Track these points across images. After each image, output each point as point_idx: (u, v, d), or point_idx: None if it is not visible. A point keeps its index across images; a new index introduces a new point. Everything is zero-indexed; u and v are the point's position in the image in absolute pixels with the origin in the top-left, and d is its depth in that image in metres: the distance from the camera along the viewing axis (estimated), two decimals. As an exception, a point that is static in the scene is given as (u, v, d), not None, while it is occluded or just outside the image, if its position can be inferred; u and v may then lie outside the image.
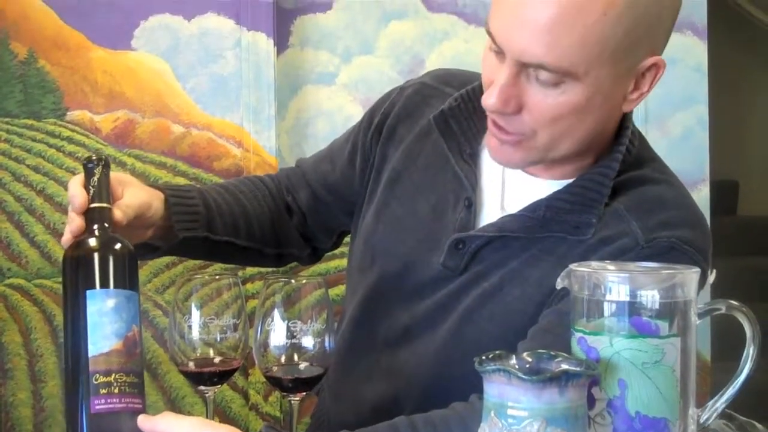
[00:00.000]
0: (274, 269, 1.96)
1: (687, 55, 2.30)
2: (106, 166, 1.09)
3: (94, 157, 1.09)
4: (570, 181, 1.21)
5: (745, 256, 3.74)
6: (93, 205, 1.07)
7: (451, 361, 1.23)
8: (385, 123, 1.36)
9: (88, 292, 1.00)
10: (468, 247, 1.22)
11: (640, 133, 1.28)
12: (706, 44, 2.30)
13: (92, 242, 1.04)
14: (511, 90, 1.10)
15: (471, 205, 1.24)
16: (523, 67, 1.09)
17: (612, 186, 1.19)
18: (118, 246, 1.04)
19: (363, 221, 1.37)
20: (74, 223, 1.07)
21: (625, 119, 1.22)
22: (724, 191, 3.87)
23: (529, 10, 1.06)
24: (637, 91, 1.14)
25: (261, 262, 1.47)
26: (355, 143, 1.40)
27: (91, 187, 1.08)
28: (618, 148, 1.20)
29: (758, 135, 4.40)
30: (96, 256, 1.03)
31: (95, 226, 1.06)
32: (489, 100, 1.11)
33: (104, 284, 1.01)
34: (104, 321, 1.00)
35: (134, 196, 1.16)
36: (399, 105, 1.36)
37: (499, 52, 1.11)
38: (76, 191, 1.08)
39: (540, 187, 1.22)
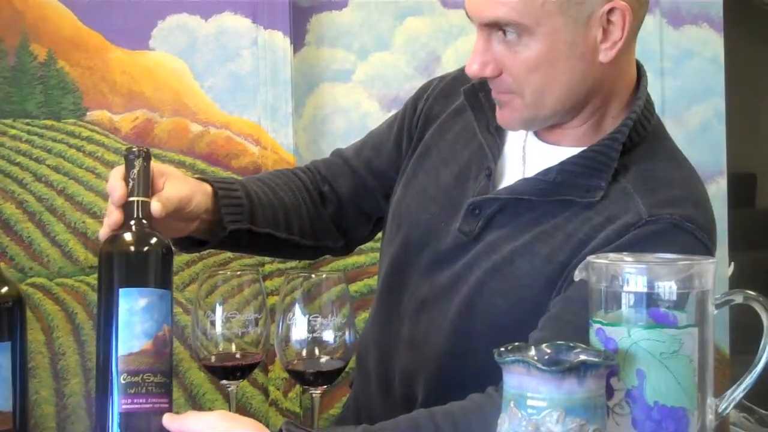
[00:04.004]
0: (294, 265, 1.98)
1: (703, 47, 2.30)
2: (147, 159, 1.08)
3: (135, 149, 1.08)
4: (584, 148, 1.25)
5: (764, 248, 3.72)
6: (131, 199, 1.06)
7: (463, 333, 1.26)
8: (425, 107, 1.43)
9: (121, 290, 1.00)
10: (484, 212, 1.27)
11: (658, 116, 1.32)
12: (722, 37, 2.29)
13: (128, 238, 1.04)
14: (487, 55, 1.20)
15: (491, 174, 1.29)
16: (489, 32, 1.19)
17: (624, 162, 1.23)
18: (153, 242, 1.04)
19: (394, 195, 1.42)
20: (112, 216, 1.07)
21: (639, 90, 1.27)
22: (742, 184, 3.85)
23: None
24: (609, 40, 1.19)
25: (297, 254, 1.52)
26: (401, 128, 1.45)
27: (130, 180, 1.07)
28: (630, 115, 1.24)
29: (776, 127, 4.38)
30: (130, 253, 1.03)
31: (132, 221, 1.06)
32: (471, 67, 1.22)
33: (137, 282, 1.01)
34: (135, 320, 1.00)
35: (175, 189, 1.16)
36: (438, 89, 1.44)
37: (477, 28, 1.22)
38: (115, 184, 1.09)
39: (558, 154, 1.26)
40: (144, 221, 1.06)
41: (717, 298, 0.92)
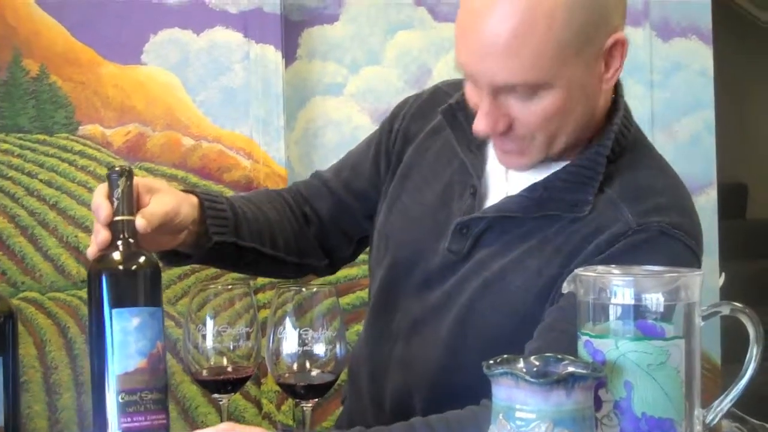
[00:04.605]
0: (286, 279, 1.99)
1: (693, 59, 2.31)
2: (130, 177, 1.09)
3: (117, 168, 1.09)
4: (568, 162, 1.25)
5: (755, 259, 3.74)
6: (117, 218, 1.07)
7: (457, 351, 1.26)
8: (402, 126, 1.42)
9: (114, 311, 1.02)
10: (471, 231, 1.27)
11: (636, 124, 1.31)
12: (711, 49, 2.31)
13: (116, 258, 1.05)
14: (496, 112, 1.17)
15: (475, 192, 1.29)
16: (499, 89, 1.15)
17: (608, 172, 1.23)
18: (141, 261, 1.05)
19: (378, 217, 1.42)
20: (100, 235, 1.07)
21: (617, 101, 1.27)
22: (732, 195, 3.88)
23: (485, 39, 1.13)
24: (611, 70, 1.19)
25: (282, 271, 1.49)
26: (378, 148, 1.45)
27: (115, 199, 1.07)
28: (611, 128, 1.24)
29: (766, 138, 4.40)
30: (119, 273, 1.04)
31: (119, 240, 1.07)
32: (479, 126, 1.18)
33: (128, 302, 1.03)
34: (129, 340, 1.02)
35: (160, 204, 1.16)
36: (414, 108, 1.43)
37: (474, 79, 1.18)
38: (100, 203, 1.09)
39: (542, 170, 1.25)
40: (131, 240, 1.07)
41: (704, 309, 0.93)
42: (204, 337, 1.15)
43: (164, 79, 2.12)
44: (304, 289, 1.15)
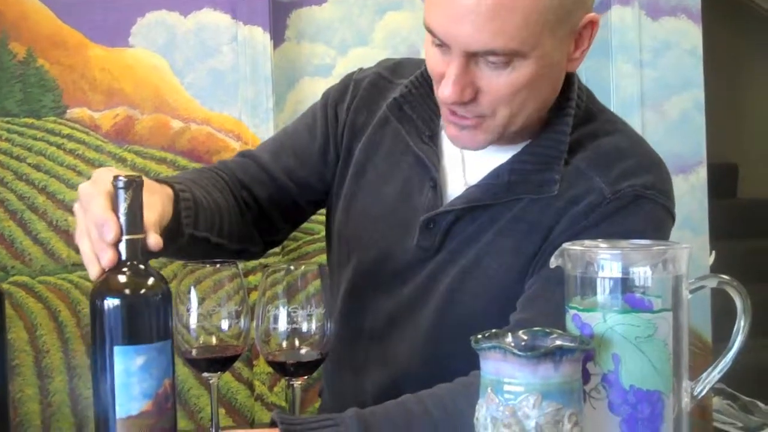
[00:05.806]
0: (277, 260, 1.98)
1: (682, 38, 2.31)
2: (138, 189, 0.96)
3: (123, 178, 0.96)
4: (527, 143, 1.24)
5: (745, 238, 3.75)
6: (127, 237, 0.96)
7: (441, 341, 1.25)
8: (348, 119, 1.38)
9: (116, 349, 0.93)
10: (439, 225, 1.25)
11: (586, 88, 1.31)
12: (700, 28, 2.31)
13: (123, 286, 0.96)
14: (464, 79, 1.13)
15: (436, 185, 1.27)
16: (471, 55, 1.11)
17: (569, 142, 1.22)
18: (151, 285, 0.96)
19: (335, 218, 1.38)
20: (106, 255, 0.96)
21: (570, 75, 1.25)
22: (723, 174, 3.88)
23: (467, 1, 1.08)
24: (579, 50, 1.18)
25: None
26: (325, 137, 1.40)
27: (121, 215, 0.96)
28: (569, 104, 1.24)
29: (756, 118, 4.40)
30: (126, 305, 0.95)
31: (126, 266, 0.96)
32: (445, 92, 1.14)
33: (133, 339, 0.94)
34: (132, 381, 0.93)
35: (153, 209, 1.05)
36: (358, 98, 1.38)
37: (442, 45, 1.14)
38: (105, 217, 0.97)
39: (498, 154, 1.24)
40: (141, 267, 0.97)
41: (691, 282, 0.94)
42: (194, 317, 1.15)
43: (152, 62, 2.11)
44: (293, 268, 1.16)
